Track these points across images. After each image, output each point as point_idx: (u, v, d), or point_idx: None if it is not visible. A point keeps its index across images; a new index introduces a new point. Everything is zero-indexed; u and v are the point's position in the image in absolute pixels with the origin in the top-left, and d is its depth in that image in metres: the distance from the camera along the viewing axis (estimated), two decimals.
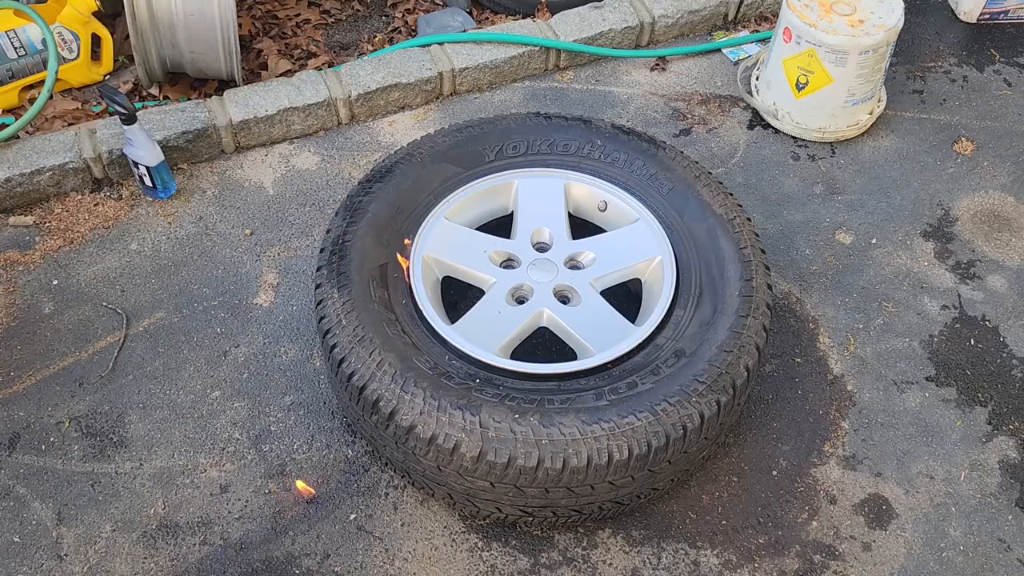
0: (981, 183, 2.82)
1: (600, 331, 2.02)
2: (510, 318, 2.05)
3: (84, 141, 2.60)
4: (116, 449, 2.14)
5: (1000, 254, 2.64)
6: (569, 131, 2.31)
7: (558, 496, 1.85)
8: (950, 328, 2.47)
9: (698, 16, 3.17)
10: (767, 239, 2.61)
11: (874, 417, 2.28)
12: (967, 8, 3.28)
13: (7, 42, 2.76)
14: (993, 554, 2.07)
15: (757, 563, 2.03)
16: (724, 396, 1.88)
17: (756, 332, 1.97)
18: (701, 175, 2.24)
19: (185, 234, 2.55)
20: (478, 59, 2.92)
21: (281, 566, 1.98)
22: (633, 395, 1.85)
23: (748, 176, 2.79)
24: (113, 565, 1.97)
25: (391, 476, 2.12)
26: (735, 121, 2.94)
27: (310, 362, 2.31)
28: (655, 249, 2.13)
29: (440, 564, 2.00)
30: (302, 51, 3.10)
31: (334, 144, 2.80)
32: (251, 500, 2.07)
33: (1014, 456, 2.23)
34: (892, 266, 2.59)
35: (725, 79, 3.06)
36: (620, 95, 2.99)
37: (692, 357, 1.92)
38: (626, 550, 2.04)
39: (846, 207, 2.73)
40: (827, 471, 2.18)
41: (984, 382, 2.36)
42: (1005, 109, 3.03)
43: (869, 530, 2.10)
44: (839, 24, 2.68)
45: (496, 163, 2.26)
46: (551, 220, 2.22)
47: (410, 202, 2.16)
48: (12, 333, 2.33)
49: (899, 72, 3.12)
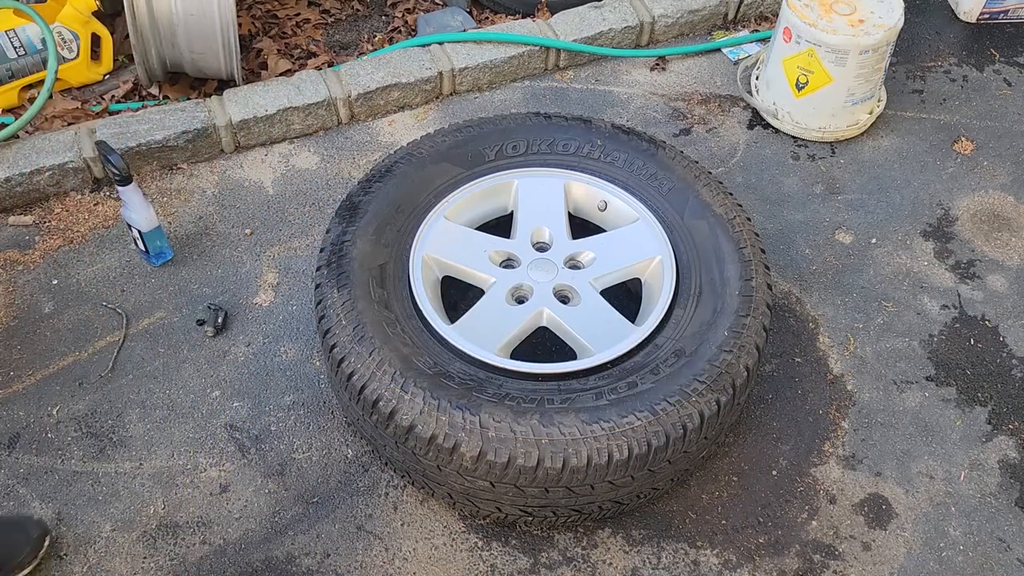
0: (981, 183, 2.82)
1: (600, 331, 2.02)
2: (510, 318, 2.05)
3: (84, 141, 2.60)
4: (116, 449, 2.14)
5: (1000, 254, 2.64)
6: (569, 131, 2.31)
7: (558, 496, 1.85)
8: (950, 328, 2.47)
9: (698, 16, 3.17)
10: (767, 239, 2.61)
11: (874, 417, 2.28)
12: (967, 8, 3.28)
13: (7, 42, 2.76)
14: (993, 554, 2.08)
15: (757, 563, 2.03)
16: (724, 396, 1.88)
17: (756, 332, 1.97)
18: (701, 175, 2.24)
19: (185, 234, 2.55)
20: (478, 59, 2.92)
21: (281, 566, 1.98)
22: (633, 395, 1.85)
23: (748, 176, 2.79)
24: (113, 565, 1.97)
25: (391, 476, 2.12)
26: (735, 121, 2.94)
27: (310, 362, 2.31)
28: (655, 249, 2.13)
29: (440, 564, 2.00)
30: (302, 51, 3.10)
31: (334, 144, 2.80)
32: (251, 500, 2.07)
33: (1014, 456, 2.23)
34: (892, 266, 2.59)
35: (725, 79, 3.06)
36: (620, 95, 2.99)
37: (692, 357, 1.92)
38: (626, 550, 2.04)
39: (846, 207, 2.73)
40: (827, 471, 2.18)
41: (984, 382, 2.36)
42: (1005, 109, 3.03)
43: (869, 530, 2.10)
44: (839, 24, 2.68)
45: (496, 163, 2.26)
46: (551, 220, 2.22)
47: (410, 202, 2.16)
48: (12, 333, 2.33)
49: (899, 72, 3.12)
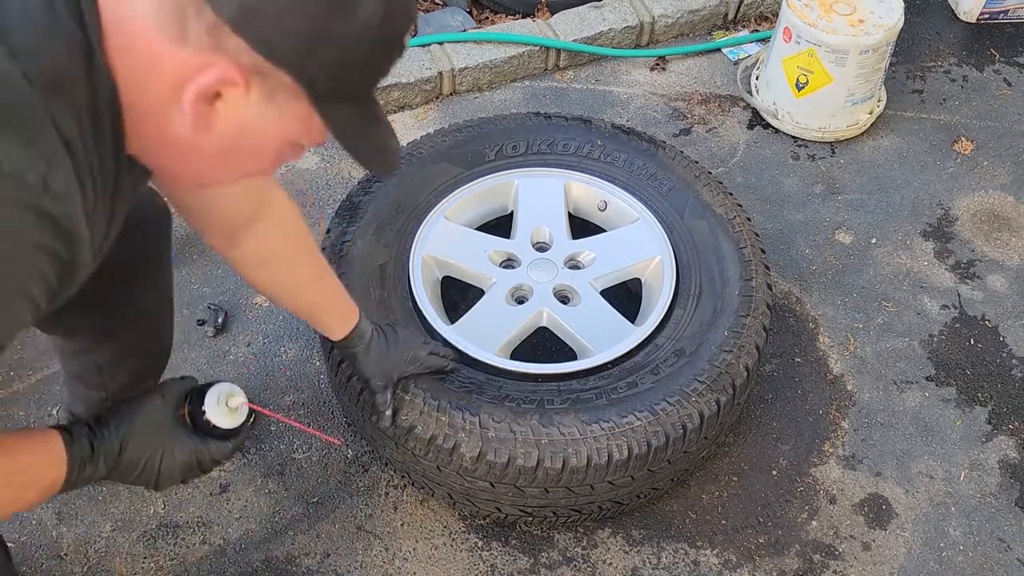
0: (981, 183, 2.82)
1: (600, 331, 2.02)
2: (510, 318, 2.05)
3: None
4: None
5: (1000, 254, 2.64)
6: (569, 131, 2.31)
7: (558, 496, 1.85)
8: (950, 328, 2.47)
9: (698, 16, 3.17)
10: (767, 239, 2.61)
11: (874, 417, 2.28)
12: (967, 8, 3.28)
13: None
14: (993, 554, 2.08)
15: (757, 563, 2.03)
16: (724, 396, 1.88)
17: (756, 332, 1.97)
18: (701, 175, 2.24)
19: (185, 233, 2.55)
20: (478, 59, 2.92)
21: (281, 566, 1.98)
22: (633, 395, 1.85)
23: (748, 176, 2.79)
24: (113, 565, 1.97)
25: (391, 476, 2.12)
26: (735, 121, 2.94)
27: (310, 362, 2.31)
28: (655, 249, 2.13)
29: (440, 564, 2.00)
30: None
31: (334, 144, 2.79)
32: (251, 500, 2.07)
33: (1014, 456, 2.23)
34: (892, 266, 2.59)
35: (725, 79, 3.07)
36: (620, 95, 2.99)
37: (692, 357, 1.92)
38: (626, 550, 2.04)
39: (846, 207, 2.73)
40: (827, 471, 2.18)
41: (984, 382, 2.36)
42: (1005, 109, 3.03)
43: (869, 530, 2.10)
44: (839, 24, 2.68)
45: (496, 163, 2.26)
46: (551, 220, 2.22)
47: (410, 202, 2.16)
48: None
49: (899, 72, 3.12)
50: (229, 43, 0.91)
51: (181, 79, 0.93)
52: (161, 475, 1.37)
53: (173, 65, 0.93)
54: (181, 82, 0.93)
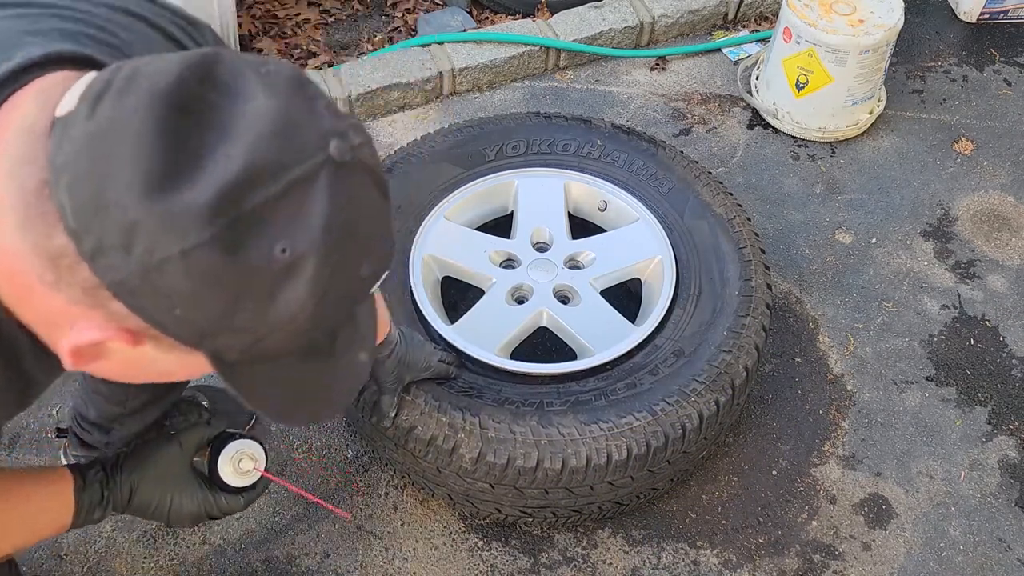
0: (981, 183, 2.82)
1: (600, 331, 2.02)
2: (510, 318, 2.05)
3: None
4: None
5: (1000, 254, 2.64)
6: (569, 131, 2.31)
7: (557, 496, 1.85)
8: (950, 328, 2.47)
9: (698, 16, 3.17)
10: (767, 239, 2.61)
11: (874, 417, 2.28)
12: (967, 8, 3.28)
13: None
14: (993, 554, 2.08)
15: (757, 563, 2.03)
16: (723, 396, 1.88)
17: (755, 332, 1.97)
18: (701, 175, 2.24)
19: None
20: (478, 59, 2.92)
21: (281, 566, 1.98)
22: (632, 395, 1.85)
23: (748, 176, 2.79)
24: (113, 565, 1.97)
25: (391, 476, 2.12)
26: (735, 121, 2.94)
27: None
28: (655, 249, 2.13)
29: (440, 564, 2.00)
30: (302, 51, 3.10)
31: None
32: None
33: (1014, 456, 2.23)
34: (892, 266, 2.59)
35: (725, 79, 3.06)
36: (620, 95, 2.99)
37: (691, 357, 1.92)
38: (626, 550, 2.04)
39: (846, 207, 2.73)
40: (827, 471, 2.18)
41: (984, 382, 2.36)
42: (1005, 109, 3.03)
43: (869, 530, 2.10)
44: (839, 24, 2.68)
45: (496, 163, 2.26)
46: (551, 220, 2.22)
47: (410, 202, 2.16)
48: None
49: (899, 72, 3.12)
50: (112, 305, 0.79)
51: (61, 321, 0.83)
52: (171, 520, 1.44)
53: (49, 307, 0.82)
54: (61, 324, 0.83)
